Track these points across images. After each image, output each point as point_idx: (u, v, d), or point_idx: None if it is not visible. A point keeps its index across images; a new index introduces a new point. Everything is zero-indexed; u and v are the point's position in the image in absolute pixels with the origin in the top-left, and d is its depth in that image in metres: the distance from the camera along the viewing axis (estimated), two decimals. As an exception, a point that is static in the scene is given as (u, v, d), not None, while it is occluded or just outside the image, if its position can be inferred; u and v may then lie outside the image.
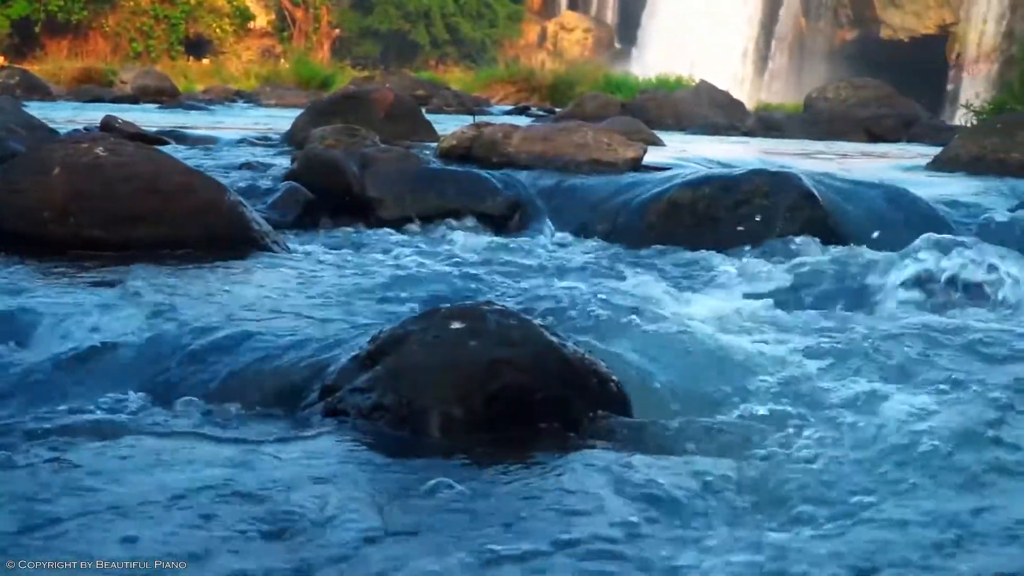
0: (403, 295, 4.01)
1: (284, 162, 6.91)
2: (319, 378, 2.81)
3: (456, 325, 2.68)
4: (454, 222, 6.03)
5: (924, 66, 43.46)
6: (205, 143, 9.36)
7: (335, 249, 5.12)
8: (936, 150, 9.72)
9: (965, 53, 46.21)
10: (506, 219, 6.16)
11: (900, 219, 5.98)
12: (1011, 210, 6.03)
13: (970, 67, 45.55)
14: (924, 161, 9.19)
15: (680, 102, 20.01)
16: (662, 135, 12.23)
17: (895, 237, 5.44)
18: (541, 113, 20.94)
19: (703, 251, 5.48)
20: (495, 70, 34.03)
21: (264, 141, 9.59)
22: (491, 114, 19.83)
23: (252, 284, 4.10)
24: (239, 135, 10.15)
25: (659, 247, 5.63)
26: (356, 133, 6.85)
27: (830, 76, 35.56)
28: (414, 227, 5.90)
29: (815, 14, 51.31)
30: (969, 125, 14.21)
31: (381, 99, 9.49)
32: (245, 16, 50.75)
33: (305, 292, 4.00)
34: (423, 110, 11.92)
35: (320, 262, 4.71)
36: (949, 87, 45.21)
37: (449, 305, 2.91)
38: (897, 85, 23.30)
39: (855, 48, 48.56)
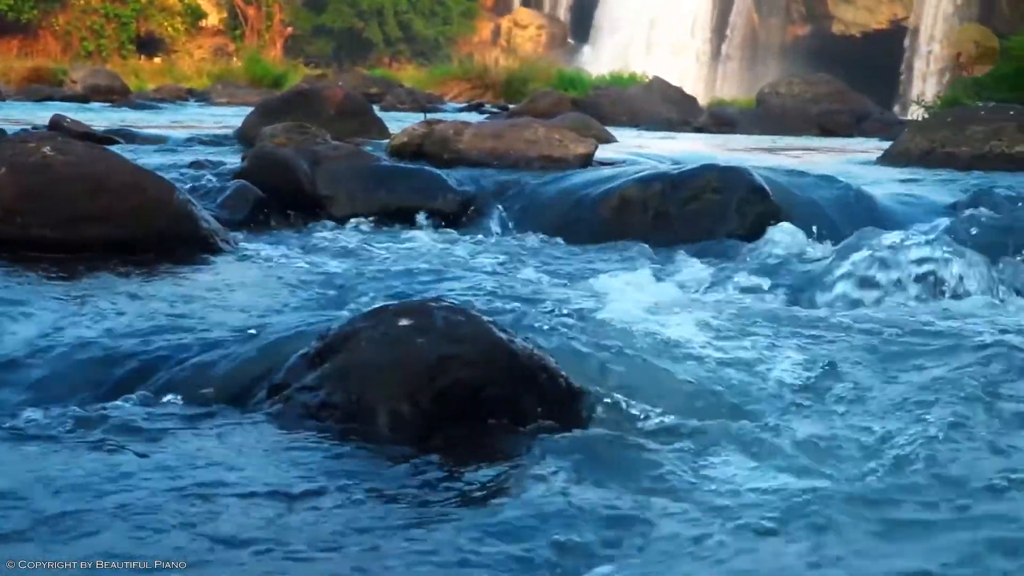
0: (353, 293, 4.00)
1: (234, 160, 6.87)
2: (268, 376, 2.80)
3: (404, 322, 2.67)
4: (406, 220, 6.01)
5: (877, 61, 43.65)
6: (155, 142, 9.30)
7: (285, 247, 5.10)
8: (887, 144, 9.76)
9: (918, 48, 46.47)
10: (458, 216, 6.15)
11: (851, 213, 6.01)
12: (959, 204, 6.07)
13: (922, 62, 45.81)
14: (875, 155, 9.23)
15: (633, 98, 20.09)
16: (615, 131, 12.26)
17: (846, 231, 5.46)
18: (495, 110, 20.96)
19: (655, 247, 5.48)
20: (449, 67, 34.02)
21: (215, 140, 9.54)
22: (445, 111, 19.84)
23: (201, 283, 4.08)
24: (190, 134, 10.10)
25: (610, 243, 5.62)
26: (307, 131, 6.82)
27: (783, 72, 35.66)
28: (365, 225, 5.87)
29: (767, 10, 51.45)
30: (920, 120, 14.28)
31: (331, 96, 9.47)
32: (197, 14, 50.45)
33: (254, 291, 3.98)
34: (376, 108, 11.91)
35: (270, 260, 4.70)
36: (901, 82, 45.48)
37: (398, 302, 2.90)
38: (850, 80, 23.43)
39: (808, 44, 48.72)
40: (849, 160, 9.25)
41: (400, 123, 8.50)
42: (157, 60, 42.97)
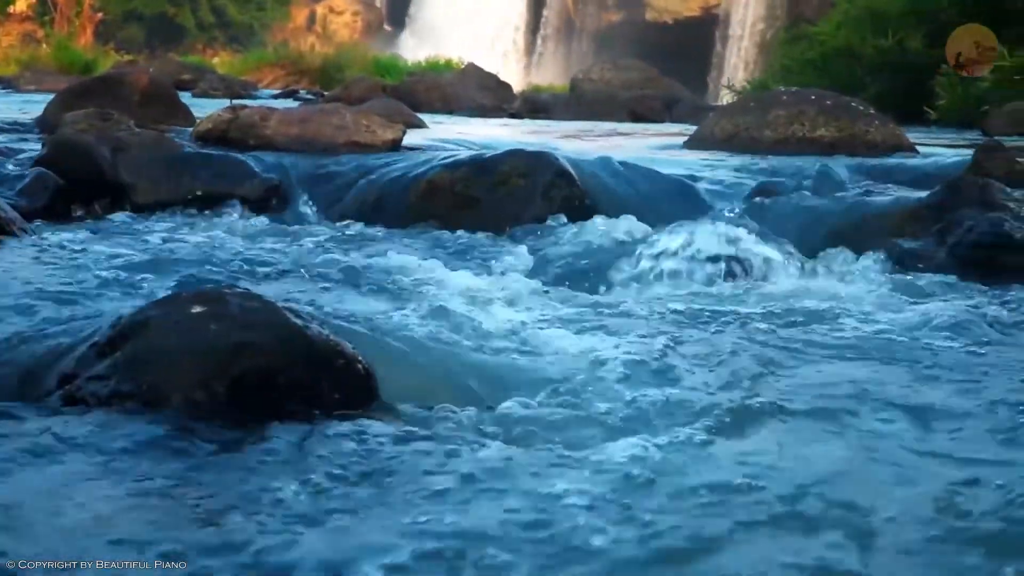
0: (151, 281, 3.95)
1: (34, 148, 6.72)
2: (57, 367, 2.74)
3: (197, 309, 2.64)
4: (212, 207, 5.94)
5: (690, 48, 44.32)
6: (-48, 129, 9.04)
7: (84, 236, 5.01)
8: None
9: (729, 35, 47.29)
10: (265, 202, 6.10)
11: (655, 196, 6.09)
12: (759, 188, 6.18)
13: (734, 49, 46.65)
14: (682, 140, 9.36)
15: (448, 85, 20.10)
16: (429, 118, 12.26)
17: (650, 214, 5.54)
18: (310, 97, 20.82)
19: (462, 232, 5.52)
20: (263, 53, 33.76)
21: (15, 126, 9.30)
22: (259, 98, 19.65)
23: (-7, 273, 3.99)
24: (-11, 120, 9.83)
25: (418, 228, 5.64)
26: (109, 117, 6.69)
27: (598, 58, 36.02)
28: (169, 212, 5.79)
29: (583, -4, 51.95)
30: (726, 104, 14.54)
31: (136, 82, 9.28)
32: (4, 0, 49.21)
33: (50, 280, 3.90)
34: (189, 95, 11.73)
35: (67, 249, 4.61)
36: (713, 68, 46.25)
37: (191, 289, 2.86)
38: (663, 66, 23.81)
39: (622, 30, 49.29)
40: (656, 145, 9.35)
41: (212, 110, 8.38)
42: (-37, 47, 41.82)
